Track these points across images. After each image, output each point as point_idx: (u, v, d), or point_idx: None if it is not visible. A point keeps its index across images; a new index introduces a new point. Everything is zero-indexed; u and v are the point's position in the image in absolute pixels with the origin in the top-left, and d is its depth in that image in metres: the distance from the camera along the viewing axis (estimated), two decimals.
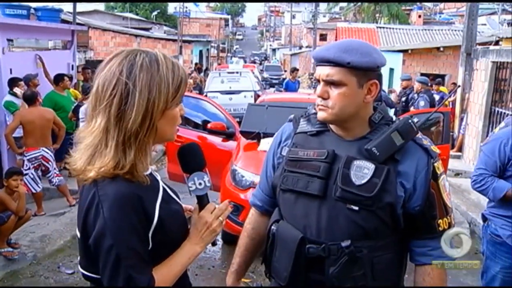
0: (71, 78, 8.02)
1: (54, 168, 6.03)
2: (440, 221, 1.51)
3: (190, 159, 1.34)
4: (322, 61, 1.49)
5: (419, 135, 1.53)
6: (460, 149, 9.60)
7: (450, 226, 1.53)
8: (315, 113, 1.59)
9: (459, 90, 9.85)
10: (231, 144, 5.78)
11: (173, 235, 1.26)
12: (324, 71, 1.48)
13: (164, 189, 1.29)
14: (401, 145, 1.46)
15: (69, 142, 5.33)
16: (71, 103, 7.15)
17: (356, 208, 1.45)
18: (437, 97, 9.78)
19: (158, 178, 1.33)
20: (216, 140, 5.81)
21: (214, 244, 1.37)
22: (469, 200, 6.66)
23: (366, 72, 1.47)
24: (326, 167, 1.50)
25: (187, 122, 6.05)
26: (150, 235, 1.19)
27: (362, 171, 1.45)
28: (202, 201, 1.34)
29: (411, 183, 1.47)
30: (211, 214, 1.31)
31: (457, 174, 8.39)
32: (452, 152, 9.34)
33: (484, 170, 2.79)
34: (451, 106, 10.69)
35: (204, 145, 5.73)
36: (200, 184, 1.32)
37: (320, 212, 1.50)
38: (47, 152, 5.87)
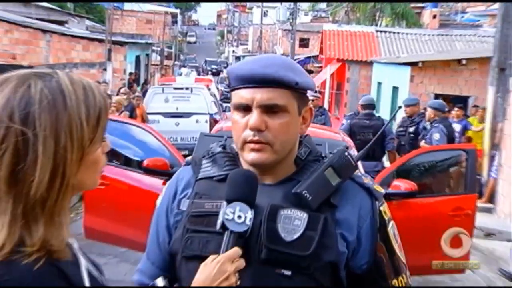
0: None
1: None
2: (395, 281, 1.59)
3: (243, 186, 1.44)
4: (260, 82, 1.49)
5: (358, 171, 1.61)
6: (490, 200, 9.65)
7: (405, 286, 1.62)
8: (222, 152, 1.65)
9: (488, 119, 9.97)
10: None
11: None
12: (262, 95, 1.49)
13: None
14: (337, 185, 1.52)
15: None
16: None
17: (289, 272, 1.47)
18: (457, 127, 9.84)
19: (76, 250, 1.23)
20: (155, 182, 5.61)
21: None
22: (508, 273, 6.60)
23: (304, 95, 1.56)
24: None
25: (113, 156, 5.84)
26: None
27: (293, 222, 1.49)
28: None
29: (354, 235, 1.54)
30: (232, 264, 1.35)
31: (488, 234, 8.38)
32: (479, 203, 9.37)
33: None
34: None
35: (138, 191, 5.59)
36: (239, 217, 1.39)
37: (241, 283, 1.45)
38: None
